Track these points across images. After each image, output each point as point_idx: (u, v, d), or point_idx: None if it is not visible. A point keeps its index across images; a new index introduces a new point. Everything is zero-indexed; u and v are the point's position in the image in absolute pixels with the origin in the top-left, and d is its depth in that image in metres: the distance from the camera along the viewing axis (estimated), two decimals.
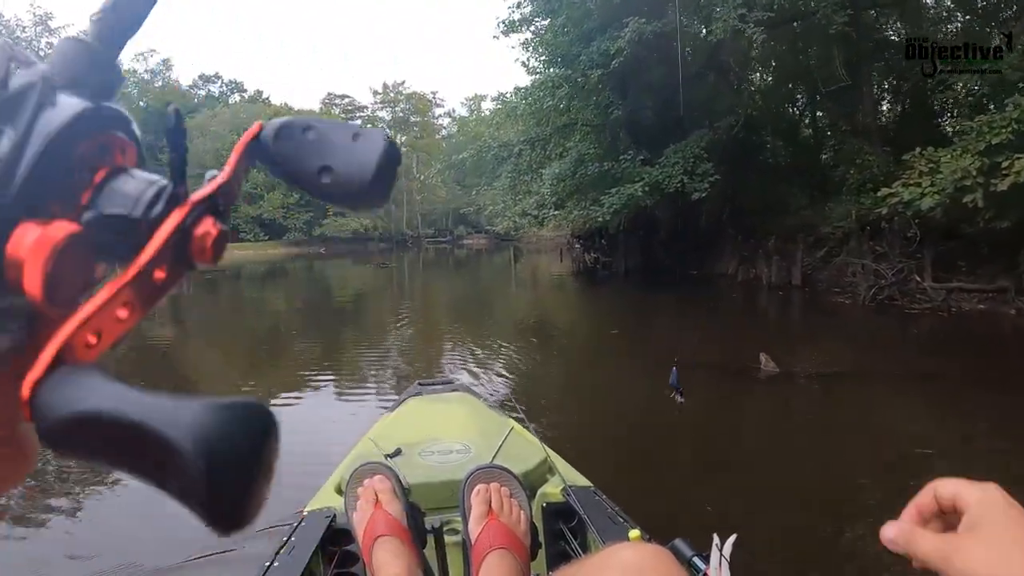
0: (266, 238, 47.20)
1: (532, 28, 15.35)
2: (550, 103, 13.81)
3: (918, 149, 8.17)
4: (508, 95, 16.77)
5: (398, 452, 1.54)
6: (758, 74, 16.16)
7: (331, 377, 5.90)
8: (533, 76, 15.67)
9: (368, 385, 5.63)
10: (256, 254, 40.71)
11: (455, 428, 1.74)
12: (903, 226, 9.12)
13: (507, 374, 5.65)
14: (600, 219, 12.84)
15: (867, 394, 4.71)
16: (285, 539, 1.28)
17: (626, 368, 5.96)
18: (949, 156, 7.54)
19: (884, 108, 13.62)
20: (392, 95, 58.88)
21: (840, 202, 10.70)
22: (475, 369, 5.79)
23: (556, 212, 15.31)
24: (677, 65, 11.65)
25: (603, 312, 11.04)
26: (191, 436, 0.17)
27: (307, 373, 6.03)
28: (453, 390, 2.27)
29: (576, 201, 14.25)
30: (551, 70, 14.08)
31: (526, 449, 1.61)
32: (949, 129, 10.73)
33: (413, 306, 12.70)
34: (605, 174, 12.78)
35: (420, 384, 2.38)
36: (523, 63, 16.35)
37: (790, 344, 6.64)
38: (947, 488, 0.44)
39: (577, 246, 23.40)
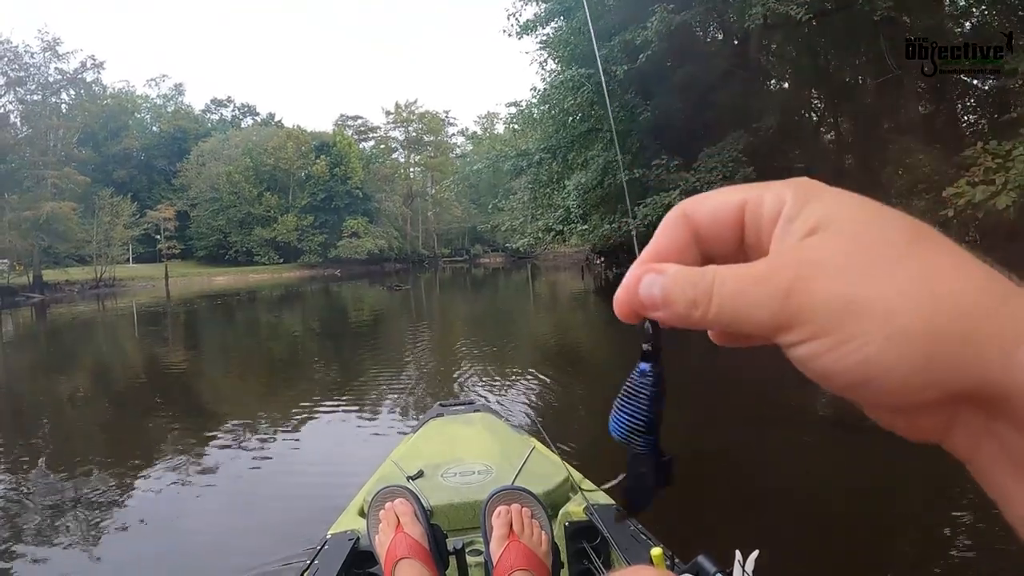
0: (280, 261, 48.32)
1: (548, 28, 15.39)
2: (571, 102, 13.68)
3: (980, 143, 7.93)
4: (523, 103, 16.80)
5: (420, 474, 1.62)
6: (789, 71, 16.04)
7: (352, 401, 6.01)
8: (551, 80, 15.62)
9: (388, 408, 5.72)
10: (272, 277, 41.65)
11: (477, 449, 1.81)
12: (961, 230, 8.88)
13: (532, 411, 5.27)
14: (633, 231, 12.74)
15: None
16: (309, 562, 1.35)
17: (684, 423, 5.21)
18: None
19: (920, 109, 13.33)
20: (405, 115, 60.17)
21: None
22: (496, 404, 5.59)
23: (584, 227, 15.25)
24: (705, 63, 11.47)
25: (632, 335, 10.69)
26: None
27: (328, 396, 6.16)
28: (475, 411, 2.33)
29: (603, 213, 14.18)
30: (570, 71, 14.06)
31: (548, 468, 1.67)
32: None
33: (431, 331, 12.75)
34: (634, 182, 12.74)
35: (442, 405, 2.46)
36: (540, 64, 16.39)
37: None
38: (717, 202, 0.24)
39: (598, 262, 23.29)
